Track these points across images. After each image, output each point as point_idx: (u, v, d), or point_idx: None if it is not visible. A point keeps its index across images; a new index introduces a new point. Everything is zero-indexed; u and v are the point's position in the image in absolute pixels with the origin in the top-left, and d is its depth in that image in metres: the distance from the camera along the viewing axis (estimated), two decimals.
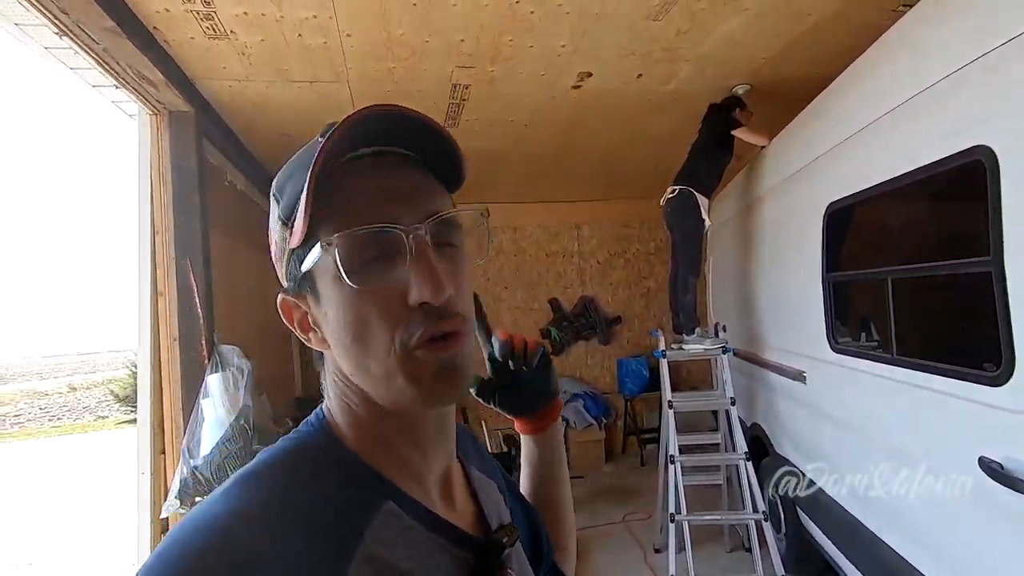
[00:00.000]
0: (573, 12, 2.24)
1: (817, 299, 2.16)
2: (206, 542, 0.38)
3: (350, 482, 0.47)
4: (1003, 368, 1.24)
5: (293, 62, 2.51)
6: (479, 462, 0.65)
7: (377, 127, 0.46)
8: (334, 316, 0.46)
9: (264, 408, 3.13)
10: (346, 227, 0.44)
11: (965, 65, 1.33)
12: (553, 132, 3.72)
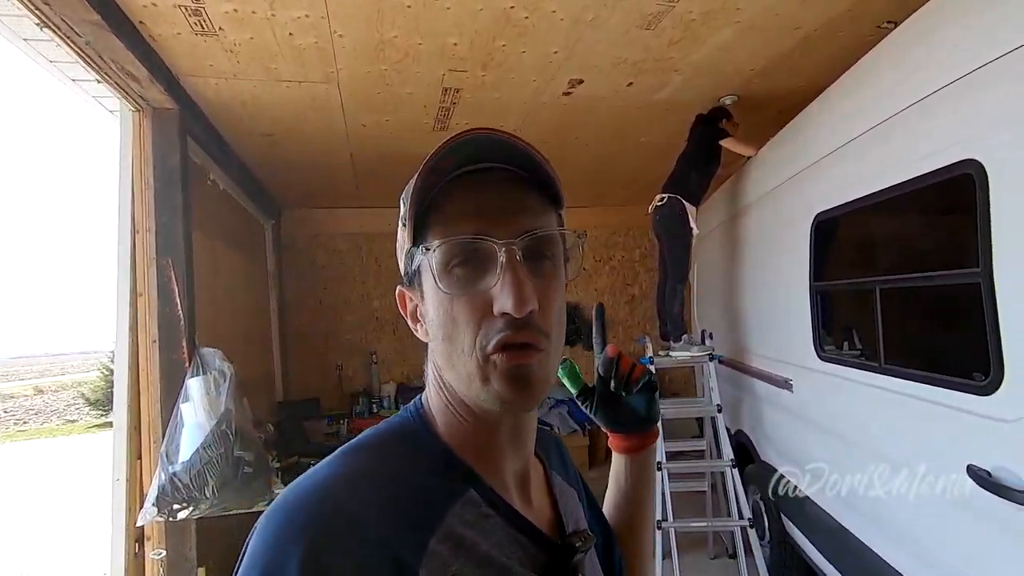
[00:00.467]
0: (567, 18, 2.24)
1: (804, 308, 2.18)
2: (312, 495, 0.45)
3: (437, 466, 0.51)
4: (992, 377, 1.26)
5: (282, 61, 2.47)
6: (562, 469, 0.68)
7: (486, 145, 0.50)
8: (432, 313, 0.51)
9: (245, 412, 3.06)
10: (446, 236, 0.49)
11: (956, 80, 1.36)
12: (542, 139, 3.72)
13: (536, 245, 0.49)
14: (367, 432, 0.55)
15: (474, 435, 0.54)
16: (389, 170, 4.27)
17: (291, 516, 0.44)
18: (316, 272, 5.44)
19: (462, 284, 0.49)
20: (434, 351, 0.54)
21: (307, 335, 5.38)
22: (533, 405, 0.51)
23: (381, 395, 5.29)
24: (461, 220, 0.49)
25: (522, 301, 0.46)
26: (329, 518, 0.43)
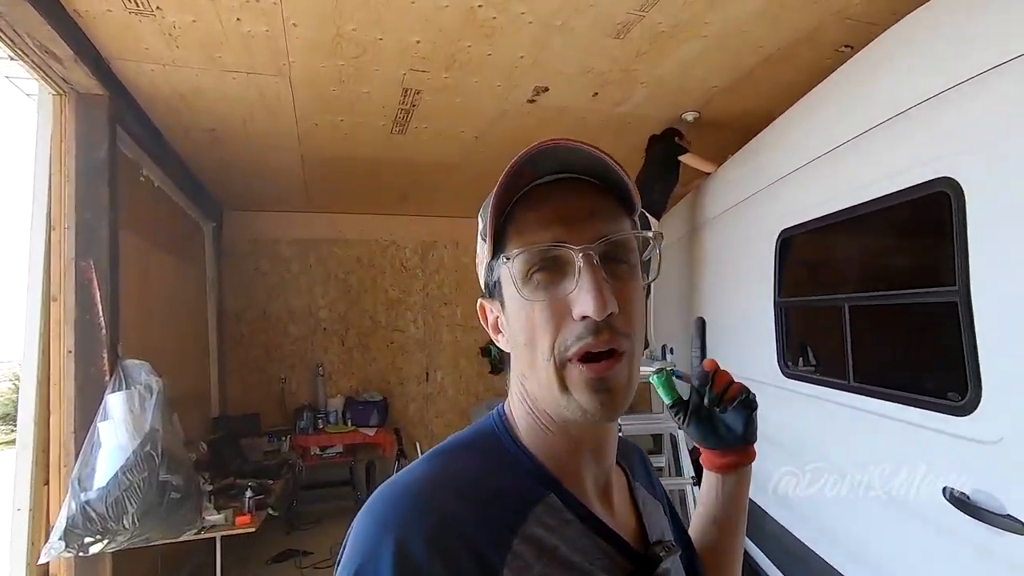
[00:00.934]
0: (536, 22, 2.18)
1: (768, 324, 2.17)
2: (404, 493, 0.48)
3: (519, 471, 0.53)
4: (969, 397, 1.25)
5: (228, 50, 2.28)
6: (647, 481, 0.68)
7: (560, 155, 0.51)
8: (513, 321, 0.53)
9: (175, 431, 2.79)
10: (524, 245, 0.50)
11: (931, 97, 1.36)
12: (504, 147, 3.64)
13: (612, 250, 0.50)
14: (453, 437, 0.58)
15: (555, 443, 0.55)
16: (342, 174, 4.08)
17: (385, 511, 0.47)
18: (259, 279, 5.14)
19: (542, 290, 0.50)
20: (517, 359, 0.55)
21: (248, 346, 5.05)
22: (616, 416, 0.52)
23: (327, 409, 5.01)
24: (538, 229, 0.50)
25: (602, 304, 0.47)
26: (420, 514, 0.46)
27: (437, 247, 5.68)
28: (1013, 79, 1.20)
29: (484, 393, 5.74)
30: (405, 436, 5.38)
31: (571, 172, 0.52)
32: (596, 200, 0.52)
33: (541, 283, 0.50)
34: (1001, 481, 1.18)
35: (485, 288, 0.58)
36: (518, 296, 0.51)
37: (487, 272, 0.56)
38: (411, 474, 0.51)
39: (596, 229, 0.50)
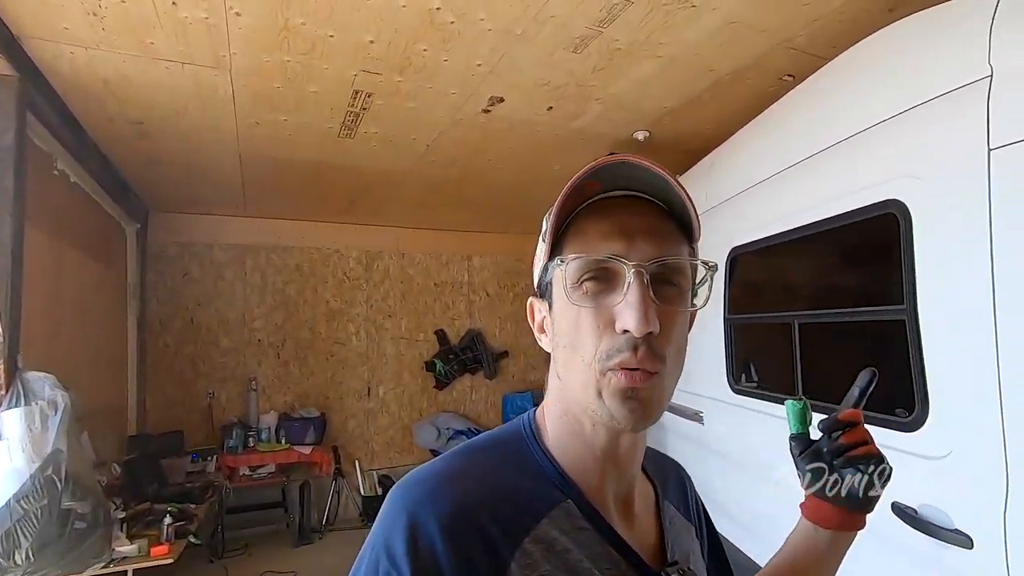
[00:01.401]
0: (495, 29, 2.14)
1: (718, 340, 2.20)
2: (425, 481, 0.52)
3: (540, 475, 0.55)
4: (916, 414, 1.28)
5: (162, 35, 2.11)
6: (679, 499, 0.68)
7: (631, 172, 0.52)
8: (559, 322, 0.55)
9: (83, 451, 2.51)
10: (583, 253, 0.53)
11: (879, 123, 1.42)
12: (455, 158, 3.59)
13: (664, 271, 0.52)
14: (481, 435, 0.61)
15: (580, 449, 0.56)
16: (284, 177, 3.88)
17: (405, 493, 0.50)
18: (189, 286, 4.79)
19: (590, 297, 0.52)
20: (556, 360, 0.57)
21: (173, 358, 4.69)
22: (643, 427, 0.53)
23: (259, 426, 4.71)
24: (597, 239, 0.53)
25: (644, 321, 0.48)
26: (437, 499, 0.49)
27: (383, 257, 5.52)
28: (952, 108, 1.26)
29: (428, 409, 5.59)
30: (344, 454, 5.14)
31: (638, 190, 0.54)
32: (657, 221, 0.54)
33: (590, 291, 0.52)
34: (948, 496, 1.21)
35: (538, 288, 0.60)
36: (566, 299, 0.53)
37: (542, 272, 0.59)
38: (436, 465, 0.54)
39: (653, 249, 0.51)
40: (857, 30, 2.02)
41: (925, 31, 1.38)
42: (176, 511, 3.04)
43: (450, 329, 5.73)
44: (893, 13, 2.03)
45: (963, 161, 1.20)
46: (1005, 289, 1.11)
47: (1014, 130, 1.10)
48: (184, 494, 3.48)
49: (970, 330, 1.17)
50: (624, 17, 2.08)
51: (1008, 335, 1.10)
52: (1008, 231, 1.10)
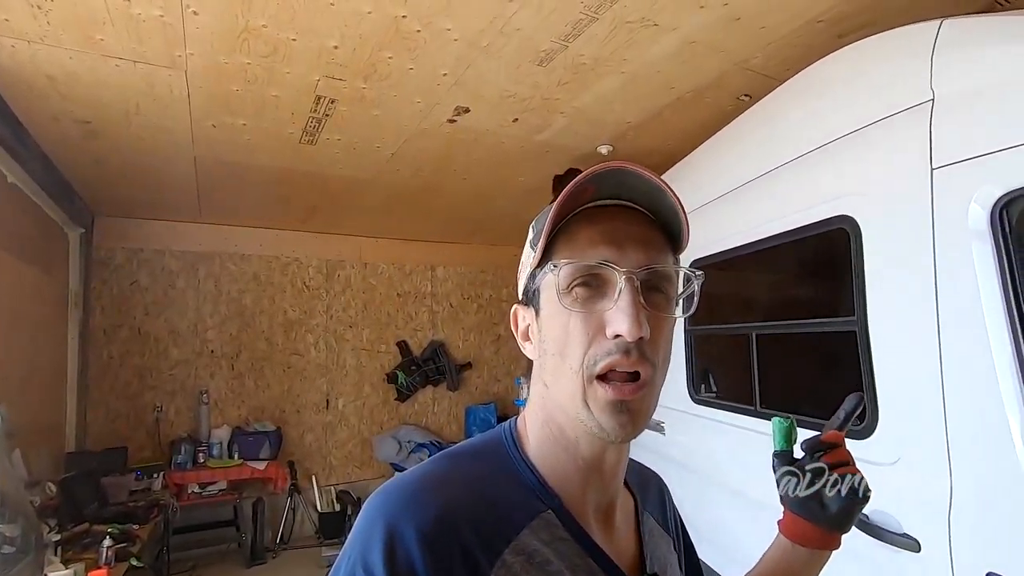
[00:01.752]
0: (462, 40, 2.14)
1: (679, 351, 2.23)
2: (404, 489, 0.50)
3: (521, 484, 0.55)
4: (867, 422, 1.32)
5: (112, 32, 2.02)
6: (658, 511, 0.68)
7: (626, 180, 0.53)
8: (547, 329, 0.55)
9: (14, 470, 2.34)
10: (574, 259, 0.53)
11: (832, 141, 1.48)
12: (419, 167, 3.56)
13: (654, 279, 0.53)
14: (463, 443, 0.60)
15: (563, 459, 0.56)
16: (241, 183, 3.77)
17: (383, 501, 0.50)
18: (137, 295, 4.58)
19: (580, 303, 0.53)
20: (543, 368, 0.56)
21: (117, 370, 4.46)
22: (631, 437, 0.53)
23: (211, 441, 4.51)
24: (588, 246, 0.53)
25: (636, 325, 0.49)
26: (416, 507, 0.48)
27: (344, 267, 5.41)
28: (897, 129, 1.32)
29: (389, 421, 5.48)
30: (300, 469, 4.98)
31: (630, 200, 0.55)
32: (646, 229, 0.55)
33: (580, 297, 0.52)
34: (897, 501, 1.25)
35: (523, 295, 0.60)
36: (556, 305, 0.53)
37: (528, 279, 0.59)
38: (415, 472, 0.53)
39: (642, 256, 0.52)
40: (810, 54, 2.11)
41: (872, 56, 1.45)
42: (117, 532, 2.87)
43: (413, 340, 5.66)
44: (843, 39, 2.14)
45: (908, 179, 1.26)
46: (947, 302, 1.16)
47: (954, 151, 1.17)
48: (126, 514, 3.29)
49: (916, 341, 1.22)
50: (589, 33, 2.12)
51: (950, 347, 1.16)
52: (949, 247, 1.16)
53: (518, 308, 0.62)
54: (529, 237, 0.59)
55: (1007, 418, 1.03)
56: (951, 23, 1.25)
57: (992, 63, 1.14)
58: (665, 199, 0.54)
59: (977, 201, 1.09)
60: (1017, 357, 1.02)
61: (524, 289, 0.60)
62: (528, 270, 0.58)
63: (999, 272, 1.06)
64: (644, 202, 0.55)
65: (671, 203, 0.54)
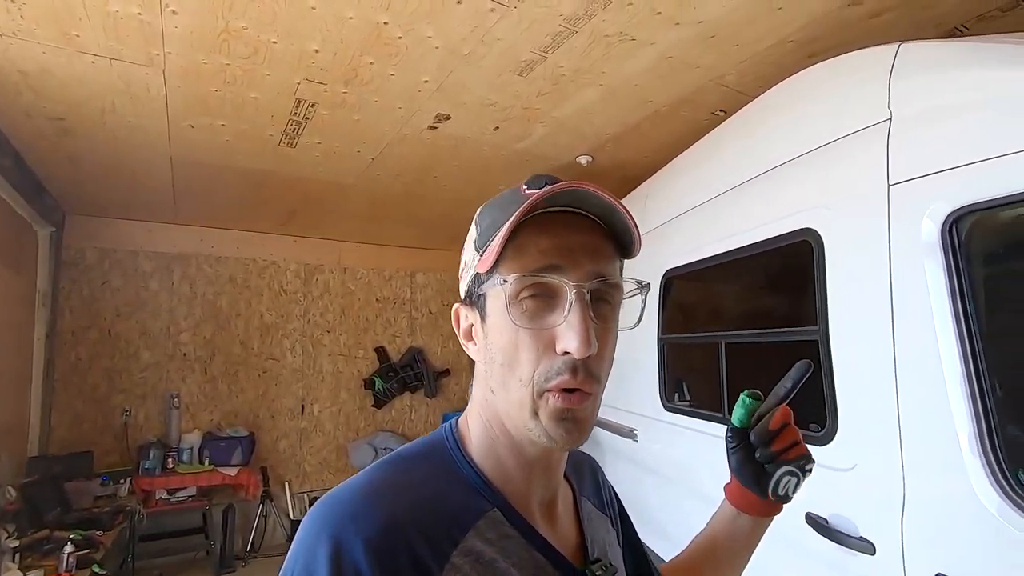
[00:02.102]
0: (443, 48, 2.16)
1: (652, 359, 2.27)
2: (346, 498, 0.50)
3: (465, 484, 0.55)
4: (827, 428, 1.36)
5: (88, 28, 2.00)
6: (594, 495, 0.70)
7: (575, 194, 0.52)
8: (494, 338, 0.55)
9: None
10: (523, 270, 0.52)
11: (796, 157, 1.53)
12: (400, 172, 3.57)
13: (603, 290, 0.53)
14: (404, 447, 0.60)
15: (506, 459, 0.57)
16: (219, 184, 3.73)
17: (326, 512, 0.49)
18: (108, 296, 4.49)
19: (529, 317, 0.52)
20: (488, 374, 0.56)
21: (85, 372, 4.35)
22: (579, 444, 0.54)
23: (181, 446, 4.42)
24: (538, 255, 0.52)
25: (586, 344, 0.49)
26: (361, 517, 0.47)
27: (323, 271, 5.37)
28: (857, 147, 1.38)
29: (365, 428, 5.43)
30: (273, 476, 4.90)
31: (580, 208, 0.54)
32: (597, 239, 0.55)
33: (529, 309, 0.52)
34: (855, 505, 1.29)
35: (467, 296, 0.59)
36: (504, 316, 0.52)
37: (472, 281, 0.57)
38: (356, 480, 0.53)
39: (592, 267, 0.52)
40: (781, 72, 2.18)
41: (834, 77, 1.51)
42: (80, 539, 2.80)
43: (391, 346, 5.63)
44: (812, 59, 2.21)
45: (867, 195, 1.31)
46: (902, 314, 1.21)
47: (909, 169, 1.22)
48: (90, 520, 3.21)
49: (872, 351, 1.27)
50: (568, 45, 2.16)
51: (904, 357, 1.20)
52: (904, 260, 1.21)
53: (460, 307, 0.61)
54: (472, 236, 0.59)
55: (955, 426, 1.08)
56: (908, 47, 1.31)
57: (945, 87, 1.20)
58: (616, 215, 0.54)
59: (929, 217, 1.15)
60: (965, 367, 1.07)
61: (468, 291, 0.59)
62: (472, 272, 0.57)
63: (949, 285, 1.10)
64: (595, 212, 0.55)
65: (622, 218, 0.54)
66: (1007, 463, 1.02)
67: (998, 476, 1.00)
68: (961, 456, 1.07)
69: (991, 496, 1.01)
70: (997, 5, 1.97)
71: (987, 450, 1.03)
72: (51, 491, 3.32)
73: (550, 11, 1.95)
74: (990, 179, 1.06)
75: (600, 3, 1.91)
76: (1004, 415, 1.06)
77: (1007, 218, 1.09)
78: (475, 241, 0.58)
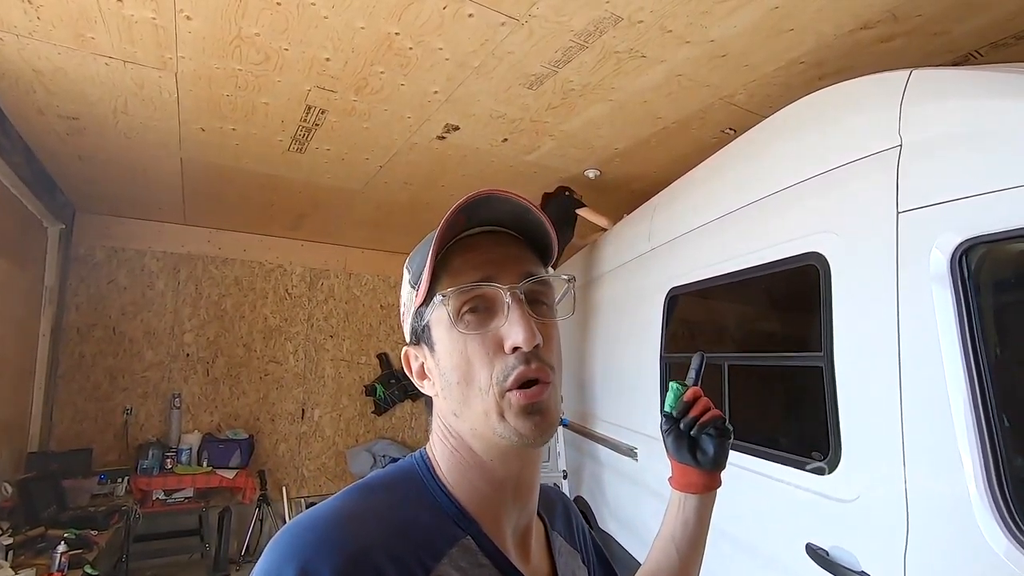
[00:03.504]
0: (452, 60, 2.17)
1: (654, 378, 2.24)
2: (314, 525, 0.49)
3: (438, 511, 0.55)
4: (830, 457, 1.34)
5: (103, 31, 2.02)
6: (565, 529, 0.71)
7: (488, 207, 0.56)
8: (445, 360, 0.56)
9: None
10: (457, 286, 0.55)
11: (805, 180, 1.51)
12: (408, 181, 3.58)
13: (535, 291, 0.56)
14: (375, 473, 0.60)
15: (479, 484, 0.57)
16: (228, 187, 3.76)
17: (293, 540, 0.47)
18: (115, 294, 4.51)
19: (474, 326, 0.55)
20: (446, 400, 0.57)
21: (88, 370, 4.36)
22: (547, 438, 0.55)
23: (180, 446, 4.41)
24: (469, 270, 0.55)
25: (531, 335, 0.52)
26: (329, 545, 0.46)
27: (328, 276, 5.38)
28: (867, 172, 1.36)
29: (365, 435, 5.41)
30: (271, 480, 4.88)
31: (499, 225, 0.58)
32: (519, 249, 0.59)
33: (471, 321, 0.55)
34: (857, 538, 1.26)
35: (412, 335, 0.61)
36: (452, 333, 0.55)
37: (415, 318, 0.60)
38: (326, 506, 0.52)
39: (521, 270, 0.56)
40: (791, 93, 2.17)
41: (846, 100, 1.49)
42: (73, 538, 2.79)
43: (394, 353, 5.61)
44: (823, 81, 2.20)
45: (876, 221, 1.29)
46: (908, 344, 1.19)
47: (919, 197, 1.20)
48: (86, 519, 3.20)
49: (878, 380, 1.24)
50: (578, 60, 2.16)
51: (910, 387, 1.18)
52: (912, 289, 1.19)
53: (408, 350, 0.62)
54: (406, 279, 0.62)
55: (961, 459, 1.05)
56: (920, 74, 1.29)
57: (957, 115, 1.18)
58: (531, 216, 0.57)
59: (938, 247, 1.12)
60: (972, 400, 1.04)
61: (412, 330, 0.61)
62: (413, 309, 0.60)
63: (957, 316, 1.08)
64: (512, 224, 0.59)
65: (537, 219, 0.58)
66: (1015, 502, 0.99)
67: (1005, 517, 0.97)
68: (967, 491, 1.04)
69: (998, 538, 0.97)
70: (1011, 32, 1.96)
71: (994, 488, 1.00)
72: (48, 488, 3.32)
73: (561, 26, 1.95)
74: (1001, 210, 1.04)
75: (611, 20, 1.91)
76: (1012, 449, 1.04)
77: (1017, 250, 1.07)
78: (409, 281, 0.61)
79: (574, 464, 3.19)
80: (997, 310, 1.10)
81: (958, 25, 1.92)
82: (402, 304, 0.64)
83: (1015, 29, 1.94)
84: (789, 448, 1.55)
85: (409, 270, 0.61)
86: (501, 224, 0.58)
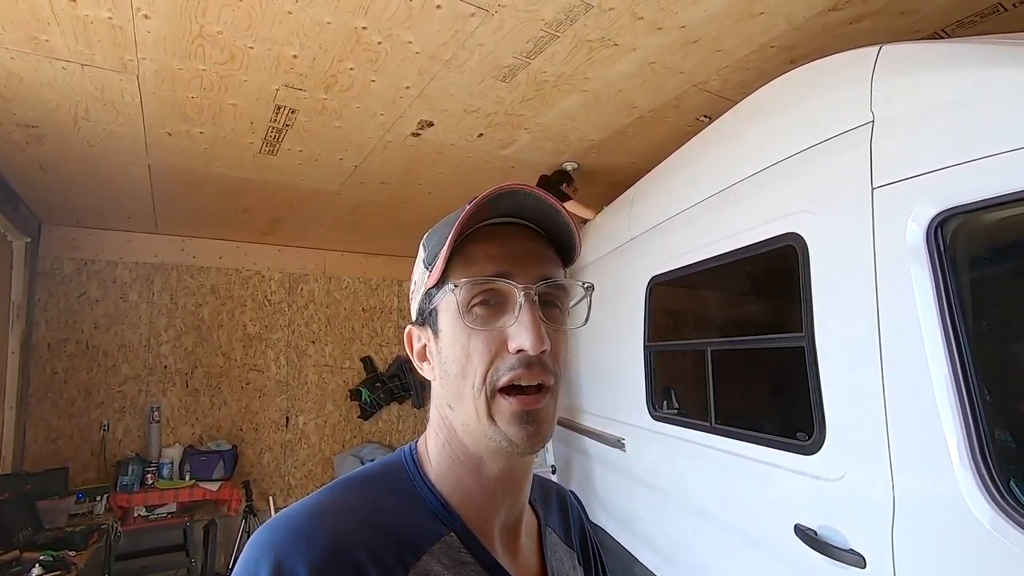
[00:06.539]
0: (423, 53, 2.13)
1: (638, 368, 2.24)
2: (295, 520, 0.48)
3: (421, 507, 0.54)
4: (815, 437, 1.33)
5: (57, 34, 1.95)
6: (561, 527, 0.68)
7: (513, 201, 0.54)
8: (447, 349, 0.55)
9: None
10: (470, 275, 0.53)
11: (782, 160, 1.51)
12: (384, 179, 3.53)
13: (550, 293, 0.54)
14: (360, 468, 0.58)
15: (466, 480, 0.55)
16: (199, 193, 3.67)
17: (272, 535, 0.47)
18: (86, 307, 4.38)
19: (481, 321, 0.53)
20: (443, 389, 0.56)
21: (62, 386, 4.24)
22: (539, 448, 0.53)
23: (161, 460, 4.31)
24: (486, 262, 0.53)
25: (539, 339, 0.50)
26: (307, 540, 0.46)
27: (307, 280, 5.30)
28: (840, 150, 1.36)
29: (351, 440, 5.34)
30: (257, 490, 4.79)
31: (523, 218, 0.56)
32: (540, 246, 0.57)
33: (480, 315, 0.53)
34: (844, 516, 1.26)
35: (418, 315, 0.60)
36: (457, 324, 0.53)
37: (424, 299, 0.58)
38: (308, 501, 0.51)
39: (539, 271, 0.54)
40: (764, 78, 2.17)
41: (816, 80, 1.49)
42: (50, 560, 2.70)
43: (378, 356, 5.55)
44: (795, 64, 2.21)
45: (851, 198, 1.29)
46: (888, 319, 1.19)
47: (893, 171, 1.20)
48: (63, 540, 3.10)
49: (859, 358, 1.24)
50: (550, 50, 2.14)
51: (891, 363, 1.17)
52: (889, 264, 1.19)
53: (412, 329, 0.61)
54: (421, 256, 0.60)
55: (944, 434, 1.05)
56: (890, 48, 1.29)
57: (928, 88, 1.18)
58: (558, 217, 0.56)
59: (914, 219, 1.12)
60: (952, 373, 1.04)
61: (419, 310, 0.59)
62: (423, 290, 0.58)
63: (935, 289, 1.08)
64: (536, 220, 0.57)
65: (563, 220, 0.56)
66: (999, 473, 0.99)
67: (989, 487, 0.97)
68: (951, 465, 1.04)
69: (983, 507, 0.97)
70: (976, 11, 1.98)
71: (977, 459, 1.00)
72: (22, 510, 3.21)
73: (531, 16, 1.93)
74: (975, 181, 1.04)
75: (581, 8, 1.89)
76: (994, 421, 1.04)
77: (992, 220, 1.07)
78: (423, 259, 0.59)
79: (563, 458, 3.18)
80: (975, 281, 1.10)
81: (925, 4, 1.94)
82: (413, 282, 0.62)
83: (980, 7, 1.96)
84: (774, 430, 1.54)
85: (425, 248, 0.59)
86: (523, 216, 0.56)
